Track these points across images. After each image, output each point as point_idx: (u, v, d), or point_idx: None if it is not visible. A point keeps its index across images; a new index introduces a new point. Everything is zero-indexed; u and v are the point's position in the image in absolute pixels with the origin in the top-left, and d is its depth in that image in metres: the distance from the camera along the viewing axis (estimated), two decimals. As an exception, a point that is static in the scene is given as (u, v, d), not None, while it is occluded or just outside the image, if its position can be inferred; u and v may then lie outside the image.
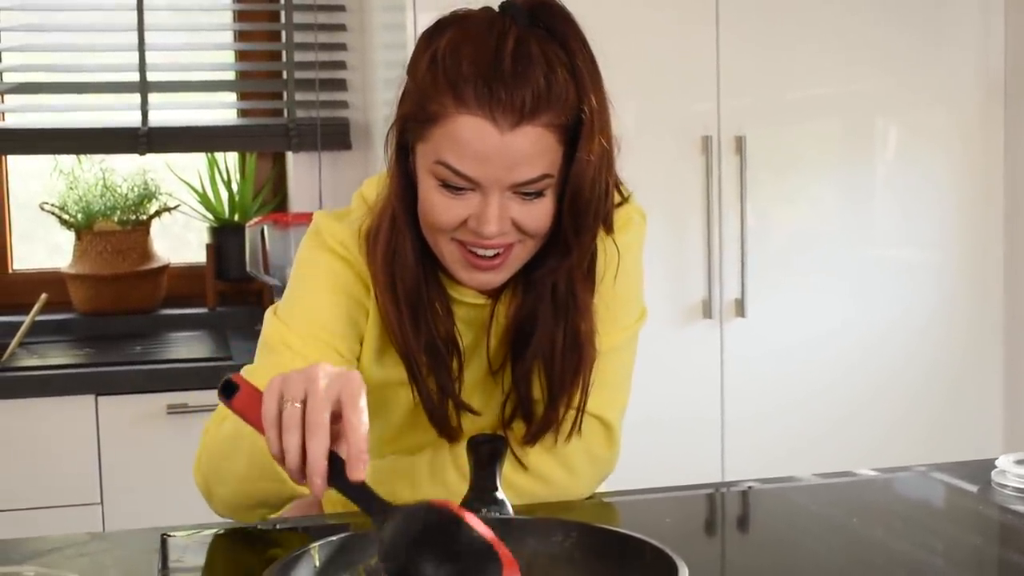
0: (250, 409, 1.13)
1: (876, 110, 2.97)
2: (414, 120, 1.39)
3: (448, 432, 1.52)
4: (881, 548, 1.40)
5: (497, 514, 1.29)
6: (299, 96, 3.34)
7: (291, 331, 1.48)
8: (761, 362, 2.91)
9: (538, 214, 1.39)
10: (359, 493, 1.08)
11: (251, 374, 1.49)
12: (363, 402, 1.10)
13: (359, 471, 1.06)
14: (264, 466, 1.31)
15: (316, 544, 1.15)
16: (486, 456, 1.40)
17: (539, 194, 1.38)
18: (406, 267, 1.45)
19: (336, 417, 1.08)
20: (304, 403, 1.08)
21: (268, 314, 1.54)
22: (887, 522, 1.52)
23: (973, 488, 1.60)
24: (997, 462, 1.60)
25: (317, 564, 1.14)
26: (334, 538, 1.17)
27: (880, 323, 2.98)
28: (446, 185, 1.37)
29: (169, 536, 1.44)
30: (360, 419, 1.08)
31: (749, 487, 1.70)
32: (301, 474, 1.08)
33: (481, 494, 1.34)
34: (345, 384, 1.10)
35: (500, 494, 1.34)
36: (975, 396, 3.06)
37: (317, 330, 1.48)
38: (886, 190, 2.99)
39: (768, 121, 2.88)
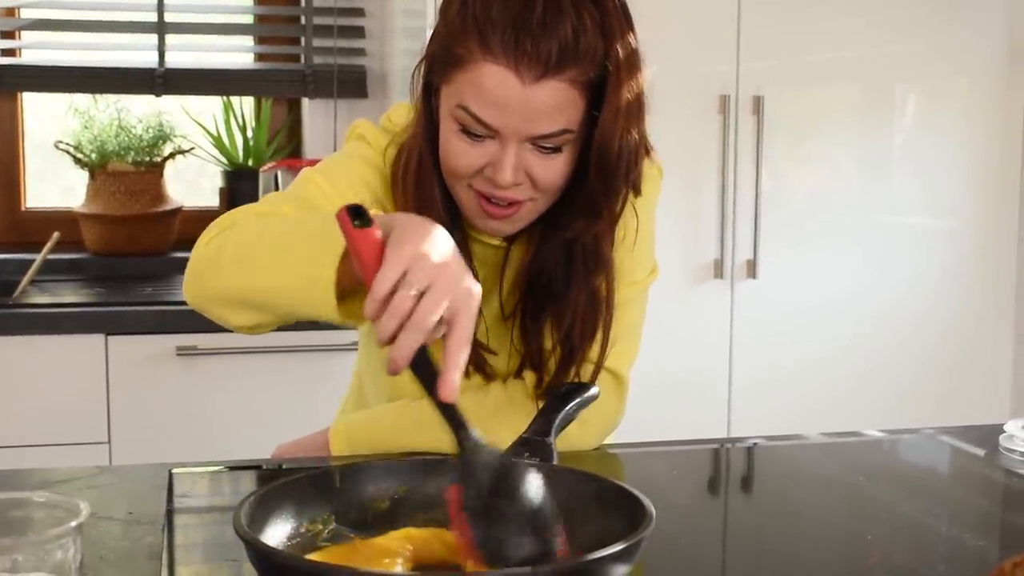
0: (364, 250, 1.09)
1: (896, 75, 2.96)
2: (440, 61, 1.39)
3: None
4: (886, 508, 1.41)
5: (536, 461, 1.29)
6: (317, 42, 3.33)
7: (335, 189, 1.44)
8: (771, 324, 2.91)
9: (554, 169, 1.39)
10: (443, 410, 1.07)
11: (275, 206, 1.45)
12: (472, 321, 1.07)
13: (445, 392, 1.05)
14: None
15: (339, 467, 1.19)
16: (554, 400, 1.41)
17: (557, 149, 1.38)
18: (433, 209, 1.44)
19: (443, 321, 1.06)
20: (420, 296, 1.06)
21: (304, 171, 1.50)
22: (893, 482, 1.52)
23: (980, 452, 1.60)
24: (1006, 427, 1.60)
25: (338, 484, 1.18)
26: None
27: (892, 289, 2.97)
28: (466, 131, 1.37)
29: (176, 471, 1.45)
30: (464, 338, 1.06)
31: (754, 443, 1.70)
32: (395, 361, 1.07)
33: (532, 436, 1.34)
34: (465, 297, 1.07)
35: (550, 440, 1.33)
36: (986, 364, 3.05)
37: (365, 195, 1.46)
38: (903, 156, 2.98)
39: (787, 83, 2.87)
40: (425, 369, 1.06)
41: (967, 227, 3.01)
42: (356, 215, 1.11)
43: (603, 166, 1.39)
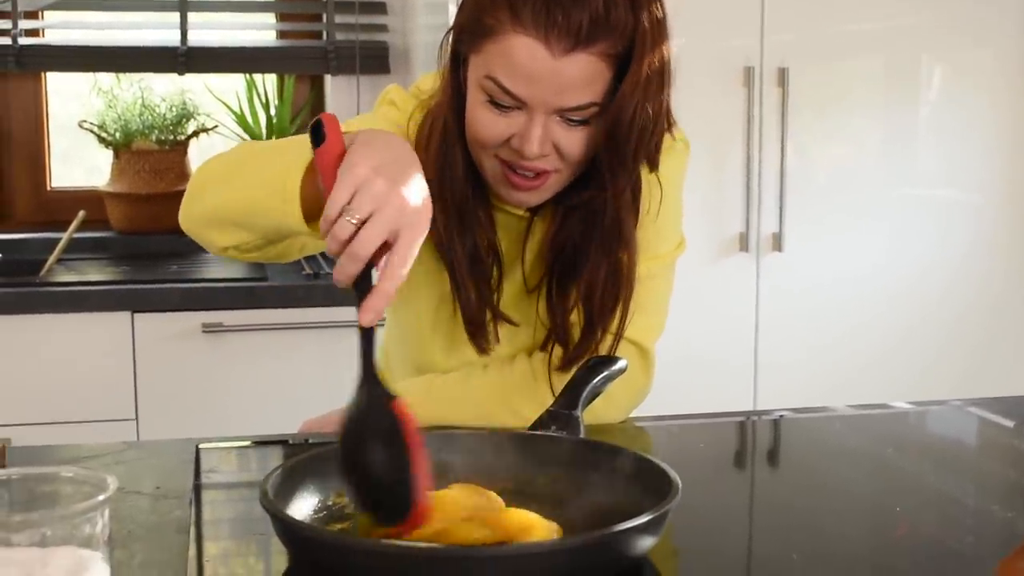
0: (325, 167, 1.13)
1: (922, 48, 2.93)
2: (468, 31, 1.38)
3: (481, 343, 1.52)
4: (914, 480, 1.40)
5: (562, 434, 1.29)
6: (339, 18, 3.32)
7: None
8: (796, 297, 2.89)
9: (580, 140, 1.38)
10: (360, 333, 1.10)
11: None
12: (412, 250, 1.09)
13: (364, 317, 1.08)
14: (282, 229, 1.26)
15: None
16: (581, 374, 1.40)
17: (584, 121, 1.37)
18: (456, 177, 1.45)
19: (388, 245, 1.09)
20: (362, 223, 1.07)
21: None
22: (921, 454, 1.52)
23: (1010, 423, 1.59)
24: (1035, 398, 1.59)
25: None
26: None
27: (917, 262, 2.95)
28: (493, 101, 1.37)
29: (203, 447, 1.46)
30: (398, 266, 1.08)
31: (781, 416, 1.70)
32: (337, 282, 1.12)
33: (560, 409, 1.34)
34: (409, 224, 1.09)
35: (577, 412, 1.33)
36: (1011, 337, 3.03)
37: None
38: (928, 130, 2.95)
39: (812, 55, 2.84)
40: (362, 291, 1.09)
41: (993, 201, 2.99)
42: (315, 133, 1.14)
43: (613, 137, 1.38)
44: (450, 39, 1.43)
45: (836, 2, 2.85)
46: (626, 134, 1.38)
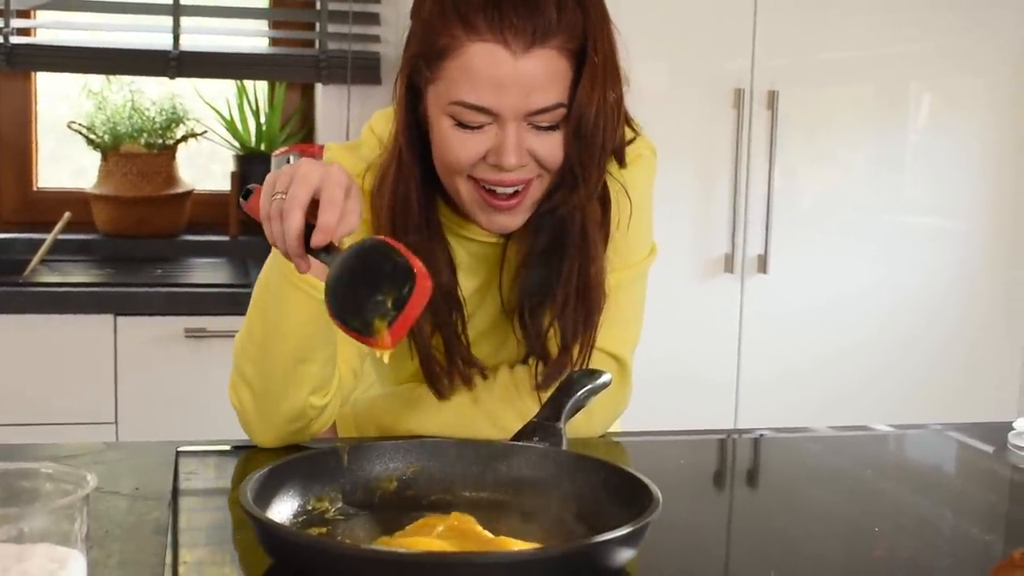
0: (255, 211, 1.26)
1: (911, 75, 2.95)
2: (423, 59, 1.38)
3: (440, 388, 1.52)
4: (893, 502, 1.40)
5: (545, 446, 1.29)
6: (331, 28, 3.33)
7: None
8: (780, 320, 2.90)
9: (553, 146, 1.39)
10: (321, 253, 1.19)
11: None
12: (340, 186, 1.19)
13: (317, 238, 1.17)
14: (317, 325, 1.33)
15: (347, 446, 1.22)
16: (564, 386, 1.40)
17: (554, 127, 1.38)
18: (410, 214, 1.44)
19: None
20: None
21: None
22: (900, 477, 1.52)
23: (989, 448, 1.60)
24: (1015, 424, 1.60)
25: (346, 463, 1.21)
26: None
27: (902, 288, 2.97)
28: (461, 124, 1.37)
29: (182, 450, 1.45)
30: (330, 200, 1.17)
31: (761, 435, 1.70)
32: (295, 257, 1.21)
33: (543, 421, 1.34)
34: (328, 175, 1.19)
35: (560, 424, 1.33)
36: (995, 363, 3.05)
37: None
38: (916, 156, 2.97)
39: (802, 80, 2.86)
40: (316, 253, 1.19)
41: (978, 228, 3.00)
42: (246, 194, 1.28)
43: (581, 131, 1.39)
44: (404, 77, 1.42)
45: (827, 28, 2.86)
46: (592, 129, 1.39)
